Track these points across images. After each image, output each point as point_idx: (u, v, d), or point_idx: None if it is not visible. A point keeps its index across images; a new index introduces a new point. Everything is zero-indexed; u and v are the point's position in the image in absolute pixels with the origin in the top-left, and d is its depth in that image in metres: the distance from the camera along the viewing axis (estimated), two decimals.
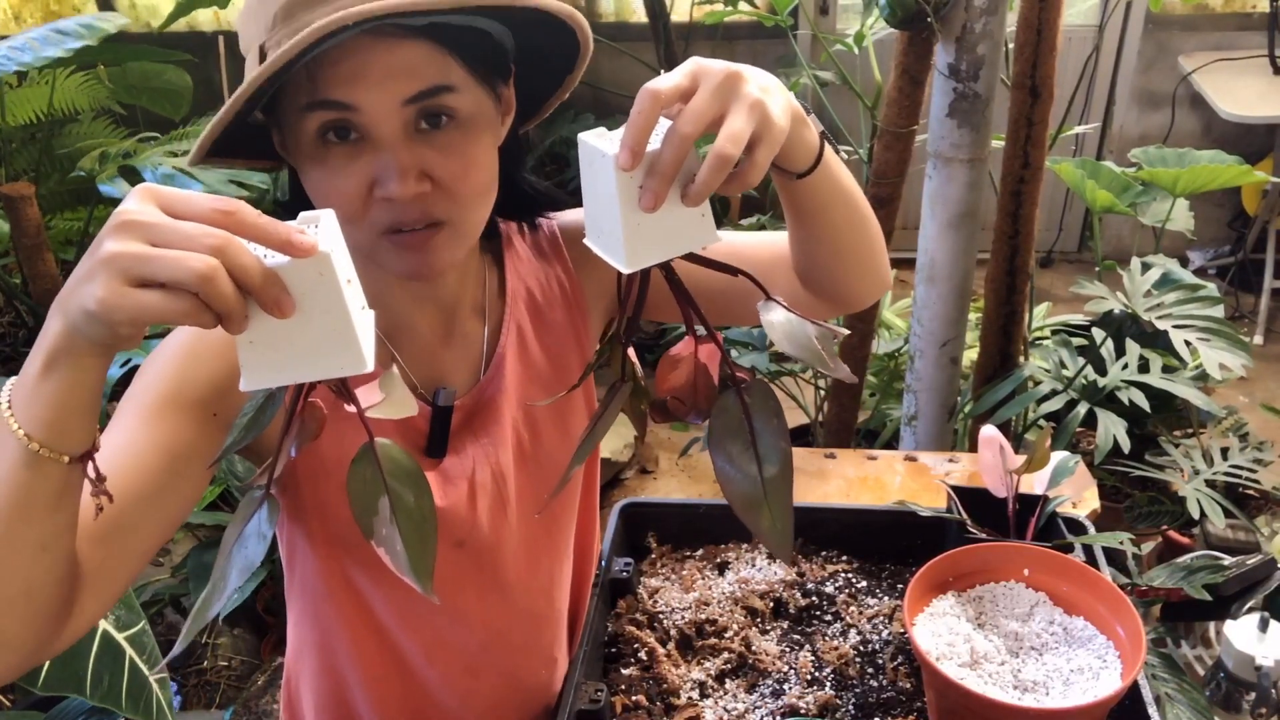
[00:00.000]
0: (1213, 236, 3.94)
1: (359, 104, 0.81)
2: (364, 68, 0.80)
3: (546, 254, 1.09)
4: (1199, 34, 3.74)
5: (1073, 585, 1.03)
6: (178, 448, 0.84)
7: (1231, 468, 2.18)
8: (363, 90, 0.80)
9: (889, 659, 1.11)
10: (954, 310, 2.08)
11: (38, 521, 0.68)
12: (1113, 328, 2.20)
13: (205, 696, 2.27)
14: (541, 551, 1.11)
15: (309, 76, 0.80)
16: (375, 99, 0.81)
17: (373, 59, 0.80)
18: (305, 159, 0.85)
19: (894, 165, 2.07)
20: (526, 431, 1.04)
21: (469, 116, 0.85)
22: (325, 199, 0.85)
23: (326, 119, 0.82)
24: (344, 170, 0.83)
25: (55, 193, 2.90)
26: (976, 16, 1.83)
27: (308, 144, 0.84)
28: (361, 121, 0.82)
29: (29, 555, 0.69)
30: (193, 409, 0.86)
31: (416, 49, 0.81)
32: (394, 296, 0.96)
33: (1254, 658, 1.16)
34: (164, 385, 0.87)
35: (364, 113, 0.81)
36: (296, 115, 0.83)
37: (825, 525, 1.29)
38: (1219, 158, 2.23)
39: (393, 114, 0.82)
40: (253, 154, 0.93)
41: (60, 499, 0.68)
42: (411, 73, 0.81)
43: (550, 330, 1.07)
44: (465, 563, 1.04)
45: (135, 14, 3.89)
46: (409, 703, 1.10)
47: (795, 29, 3.56)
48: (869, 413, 2.56)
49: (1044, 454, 1.15)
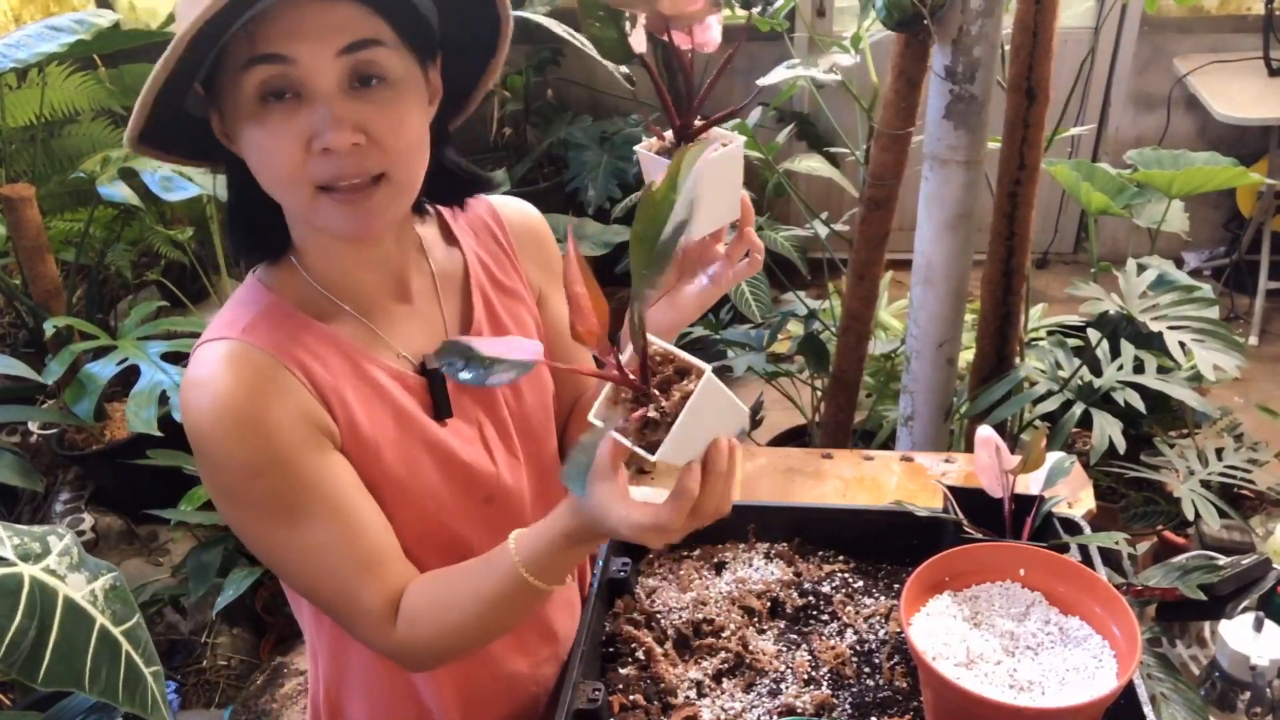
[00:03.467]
0: (1208, 238, 3.95)
1: (296, 56, 0.85)
2: (300, 24, 0.85)
3: (489, 227, 1.17)
4: (1194, 36, 3.75)
5: (1068, 585, 1.03)
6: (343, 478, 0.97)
7: (1226, 468, 2.18)
8: (299, 43, 0.85)
9: (885, 659, 1.12)
10: (950, 311, 2.09)
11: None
12: (1108, 329, 2.20)
13: (205, 696, 2.27)
14: (552, 498, 1.14)
15: (248, 36, 0.85)
16: (311, 51, 0.86)
17: (308, 16, 0.85)
18: (244, 121, 0.89)
19: (891, 167, 2.08)
20: (509, 389, 1.11)
21: (399, 78, 0.90)
22: (266, 157, 0.89)
23: (265, 74, 0.86)
24: (282, 129, 0.87)
25: (55, 194, 2.90)
26: (973, 19, 1.83)
27: (247, 105, 0.88)
28: (298, 75, 0.86)
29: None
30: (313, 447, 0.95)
31: (349, 8, 0.87)
32: (343, 264, 1.00)
33: (1249, 657, 1.16)
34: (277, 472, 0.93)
35: (300, 65, 0.86)
36: (236, 77, 0.87)
37: (822, 525, 1.29)
38: (1214, 159, 2.23)
39: (328, 66, 0.86)
40: (191, 153, 0.97)
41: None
42: (345, 27, 0.87)
43: (508, 294, 1.14)
44: (497, 517, 1.08)
45: (135, 15, 3.89)
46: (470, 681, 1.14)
47: (792, 31, 3.57)
48: (865, 413, 2.57)
49: (1040, 454, 1.15)
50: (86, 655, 1.12)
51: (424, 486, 1.02)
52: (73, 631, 1.12)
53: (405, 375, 1.03)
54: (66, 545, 1.19)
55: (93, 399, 2.18)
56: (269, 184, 0.92)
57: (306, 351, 0.96)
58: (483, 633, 0.99)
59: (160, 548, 2.66)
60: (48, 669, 1.08)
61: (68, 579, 1.16)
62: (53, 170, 2.98)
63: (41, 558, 1.16)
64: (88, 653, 1.12)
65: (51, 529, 1.22)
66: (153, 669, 1.18)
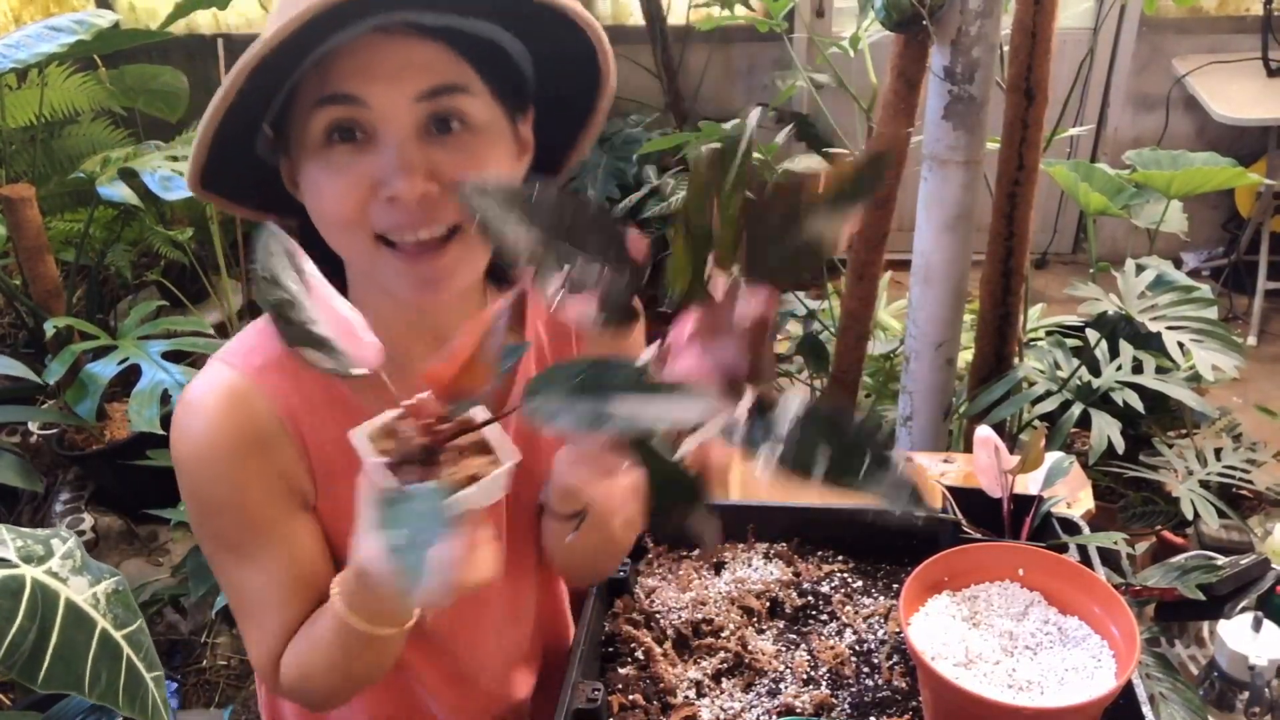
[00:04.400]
0: (1206, 238, 3.95)
1: (369, 98, 0.78)
2: (375, 63, 0.78)
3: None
4: (1193, 37, 3.75)
5: (1067, 585, 1.04)
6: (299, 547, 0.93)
7: (1225, 468, 2.18)
8: (373, 84, 0.78)
9: (885, 658, 1.12)
10: (949, 311, 2.09)
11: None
12: (1107, 329, 2.20)
13: (204, 696, 2.27)
14: (522, 589, 1.11)
15: (319, 74, 0.79)
16: (386, 93, 0.78)
17: (385, 54, 0.78)
18: (307, 160, 0.82)
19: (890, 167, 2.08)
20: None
21: (483, 125, 0.82)
22: (324, 197, 0.82)
23: (335, 115, 0.79)
24: (346, 168, 0.80)
25: (55, 194, 2.90)
26: (971, 19, 1.83)
27: (312, 145, 0.81)
28: (370, 119, 0.79)
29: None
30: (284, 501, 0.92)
31: (431, 48, 0.79)
32: (391, 331, 0.89)
33: (1247, 657, 1.16)
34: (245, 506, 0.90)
35: (373, 108, 0.79)
36: (305, 117, 0.80)
37: (821, 525, 1.29)
38: (1213, 160, 2.24)
39: (403, 111, 0.79)
40: (261, 203, 0.89)
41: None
42: (425, 69, 0.79)
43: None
44: (462, 603, 1.02)
45: (135, 16, 3.89)
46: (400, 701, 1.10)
47: (791, 32, 3.57)
48: (865, 414, 2.56)
49: (1038, 454, 1.16)
50: (87, 658, 1.12)
51: None
52: (73, 634, 1.12)
53: None
54: (69, 548, 1.20)
55: (94, 399, 2.18)
56: (325, 228, 0.84)
57: (313, 414, 0.92)
58: (337, 677, 0.90)
59: (160, 548, 2.66)
60: (47, 671, 1.08)
61: (70, 582, 1.16)
62: (53, 170, 2.98)
63: (44, 560, 1.16)
64: (88, 656, 1.13)
65: (55, 532, 1.22)
66: (154, 674, 1.19)
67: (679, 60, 3.75)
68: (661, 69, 3.69)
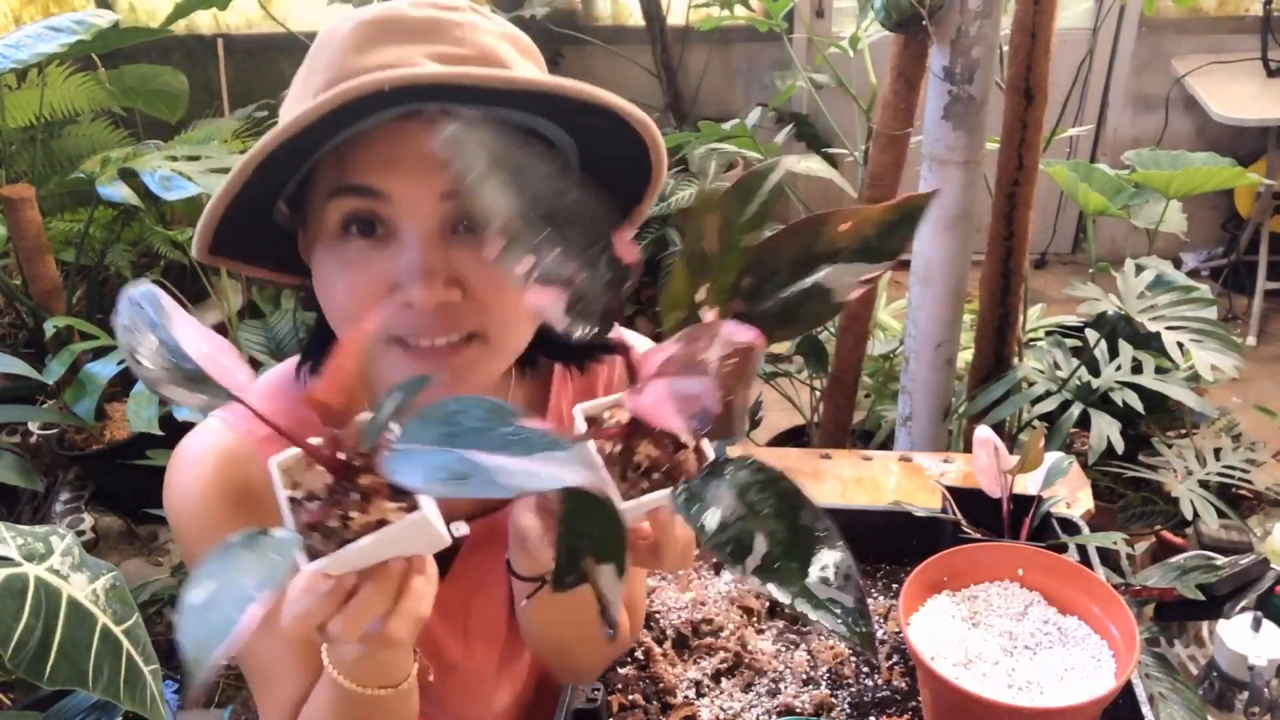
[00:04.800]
0: (1206, 238, 3.95)
1: (391, 192, 0.72)
2: (400, 153, 0.71)
3: (605, 388, 0.97)
4: (1192, 37, 3.75)
5: (1067, 585, 1.04)
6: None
7: (1224, 468, 2.19)
8: (396, 177, 0.71)
9: (884, 658, 1.12)
10: (949, 311, 2.09)
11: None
12: (1106, 329, 2.21)
13: (204, 695, 2.27)
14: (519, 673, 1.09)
15: (338, 160, 0.72)
16: (409, 188, 0.72)
17: (412, 145, 0.71)
18: (320, 247, 0.76)
19: (889, 168, 2.08)
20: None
21: None
22: (334, 293, 0.75)
23: (354, 207, 0.73)
24: (361, 265, 0.74)
25: (54, 194, 2.90)
26: (971, 19, 1.84)
27: (327, 233, 0.75)
28: (390, 214, 0.73)
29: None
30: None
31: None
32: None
33: (1247, 657, 1.16)
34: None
35: (395, 203, 0.72)
36: (321, 202, 0.74)
37: None
38: (1212, 160, 2.24)
39: (427, 208, 0.72)
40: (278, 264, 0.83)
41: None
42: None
43: None
44: (458, 688, 1.02)
45: (135, 16, 3.89)
46: None
47: (790, 32, 3.57)
48: (864, 413, 2.57)
49: (1038, 454, 1.16)
50: (89, 654, 1.13)
51: None
52: (76, 631, 1.13)
53: None
54: (68, 545, 1.20)
55: (93, 399, 2.19)
56: (334, 322, 0.78)
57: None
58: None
59: (160, 548, 2.66)
60: (53, 668, 1.09)
61: (70, 579, 1.17)
62: (53, 171, 2.98)
63: (45, 558, 1.16)
64: (90, 651, 1.13)
65: (52, 529, 1.23)
66: (151, 667, 1.19)
67: (678, 60, 3.75)
68: (661, 69, 3.70)
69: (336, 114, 0.66)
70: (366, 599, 0.63)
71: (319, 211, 0.75)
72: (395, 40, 0.72)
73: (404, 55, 0.71)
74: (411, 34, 0.72)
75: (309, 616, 0.63)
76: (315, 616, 0.63)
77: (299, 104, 0.72)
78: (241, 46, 3.78)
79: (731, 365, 0.56)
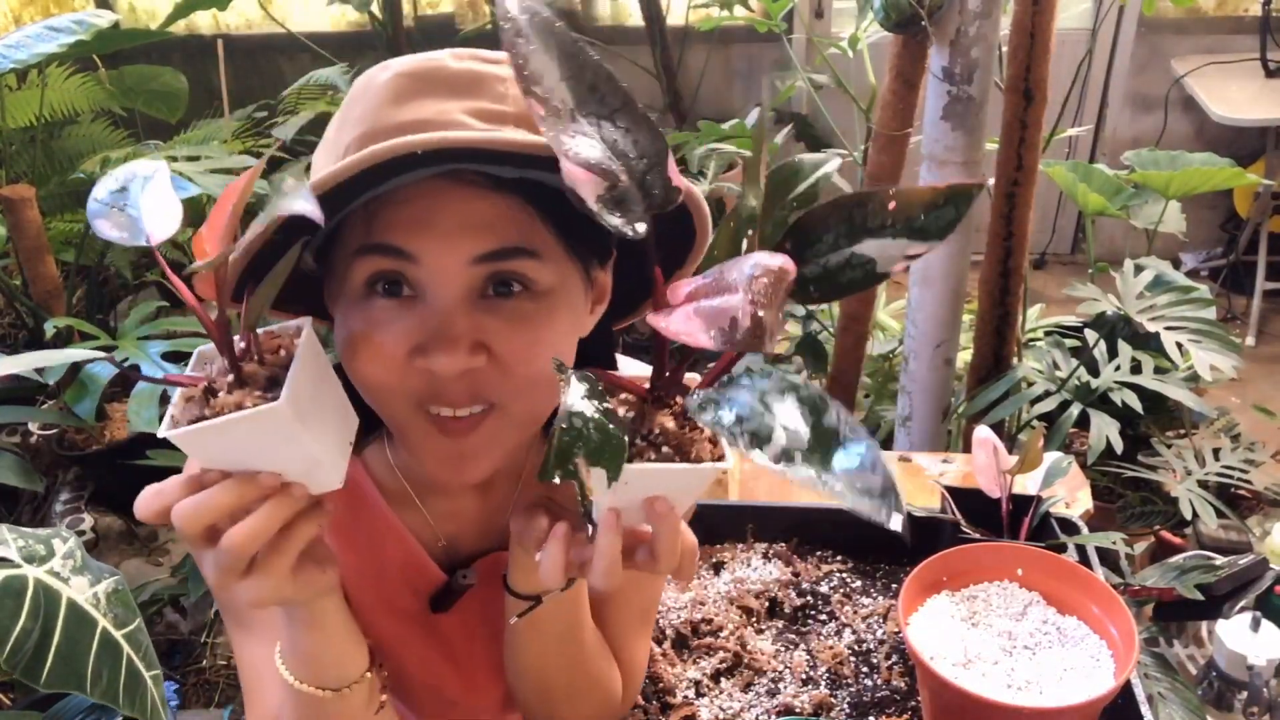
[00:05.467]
0: (1205, 239, 3.95)
1: (420, 255, 0.69)
2: (432, 214, 0.68)
3: None
4: (1191, 37, 3.75)
5: (1066, 585, 1.04)
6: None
7: (1223, 468, 2.19)
8: (426, 239, 0.68)
9: (883, 658, 1.12)
10: (948, 312, 2.09)
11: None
12: (1105, 329, 2.21)
13: (204, 695, 2.27)
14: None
15: (366, 218, 0.70)
16: (439, 251, 0.69)
17: (444, 206, 0.68)
18: (344, 303, 0.73)
19: (889, 168, 2.09)
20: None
21: (547, 289, 0.72)
22: (355, 355, 0.72)
23: (381, 266, 0.70)
24: (386, 325, 0.71)
25: (54, 194, 2.90)
26: (970, 20, 1.84)
27: (351, 290, 0.72)
28: (418, 276, 0.70)
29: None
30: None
31: (499, 203, 0.68)
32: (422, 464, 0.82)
33: (1246, 657, 1.16)
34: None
35: (424, 265, 0.69)
36: (347, 259, 0.71)
37: (820, 525, 1.30)
38: (1211, 160, 2.24)
39: (457, 272, 0.69)
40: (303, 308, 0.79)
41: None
42: (487, 228, 0.69)
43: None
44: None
45: (135, 16, 3.89)
46: None
47: (790, 33, 3.57)
48: (864, 414, 2.57)
49: (1037, 455, 1.16)
50: (88, 658, 1.13)
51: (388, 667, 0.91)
52: (75, 634, 1.13)
53: (426, 564, 0.91)
54: (70, 548, 1.20)
55: (94, 399, 2.19)
56: (358, 384, 0.74)
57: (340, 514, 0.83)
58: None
59: (160, 548, 2.66)
60: (50, 671, 1.09)
61: (71, 582, 1.17)
62: (53, 171, 2.98)
63: (45, 560, 1.16)
64: (89, 655, 1.13)
65: (55, 532, 1.23)
66: (153, 673, 1.19)
67: (678, 61, 3.75)
68: (661, 69, 3.70)
69: (368, 171, 0.64)
70: (214, 490, 0.62)
71: (344, 267, 0.72)
72: (434, 94, 0.69)
73: (443, 110, 0.68)
74: (452, 88, 0.69)
75: (158, 495, 0.64)
76: (164, 496, 0.63)
77: (331, 154, 0.71)
78: (241, 47, 3.78)
79: (763, 285, 0.54)
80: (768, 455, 0.52)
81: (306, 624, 0.74)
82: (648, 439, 0.62)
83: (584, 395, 0.57)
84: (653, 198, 0.60)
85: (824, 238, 0.58)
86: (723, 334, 0.53)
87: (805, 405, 0.54)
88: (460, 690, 0.98)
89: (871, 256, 0.57)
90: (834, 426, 0.53)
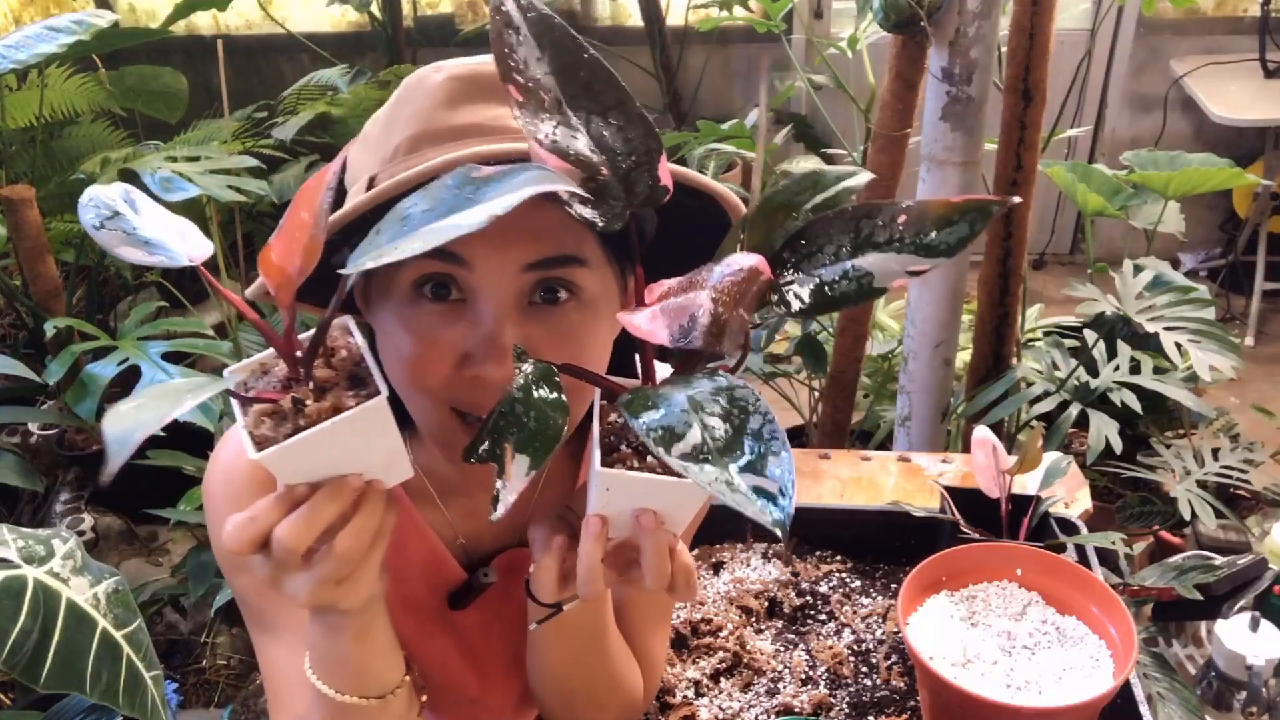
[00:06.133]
0: (1204, 239, 3.95)
1: (472, 260, 0.69)
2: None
3: None
4: (1190, 38, 3.75)
5: (1065, 585, 1.04)
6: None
7: (1222, 468, 2.19)
8: (480, 244, 0.68)
9: (883, 658, 1.13)
10: (947, 312, 2.09)
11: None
12: (1105, 329, 2.21)
13: (204, 695, 2.27)
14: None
15: None
16: (492, 257, 0.69)
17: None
18: (389, 306, 0.73)
19: (888, 168, 2.09)
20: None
21: (593, 298, 0.74)
22: (400, 359, 0.72)
23: (429, 269, 0.70)
24: (433, 333, 0.71)
25: (55, 195, 2.90)
26: (969, 20, 1.84)
27: (397, 291, 0.73)
28: (470, 281, 0.70)
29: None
30: None
31: (551, 212, 0.67)
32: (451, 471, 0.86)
33: (1245, 657, 1.16)
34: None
35: (475, 270, 0.70)
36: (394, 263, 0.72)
37: (820, 525, 1.30)
38: (1210, 160, 2.24)
39: (508, 278, 0.70)
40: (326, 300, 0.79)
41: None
42: (540, 236, 0.70)
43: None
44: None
45: (135, 16, 3.89)
46: None
47: (789, 33, 3.57)
48: (863, 414, 2.57)
49: (1036, 455, 1.16)
50: (88, 658, 1.13)
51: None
52: (75, 635, 1.13)
53: (446, 561, 0.92)
54: (70, 549, 1.20)
55: (94, 399, 2.19)
56: (398, 386, 0.74)
57: None
58: None
59: (160, 548, 2.66)
60: (49, 671, 1.09)
61: (71, 582, 1.17)
62: (52, 171, 2.98)
63: (45, 561, 1.16)
64: (89, 656, 1.13)
65: (55, 532, 1.23)
66: (153, 673, 1.19)
67: (678, 61, 3.75)
68: (660, 70, 3.70)
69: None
70: (317, 503, 0.62)
71: (390, 266, 0.67)
72: (487, 98, 0.70)
73: (496, 116, 0.69)
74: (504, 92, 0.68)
75: (253, 522, 0.62)
76: (260, 522, 0.62)
77: (376, 153, 0.71)
78: (241, 47, 3.78)
79: (729, 284, 0.54)
80: (674, 454, 0.52)
81: (357, 634, 0.73)
82: (633, 446, 0.62)
83: (536, 381, 0.57)
84: (635, 195, 0.60)
85: (826, 248, 0.57)
86: (681, 330, 0.53)
87: (734, 408, 0.54)
88: (477, 686, 0.98)
89: (869, 270, 0.56)
90: (755, 430, 0.53)
